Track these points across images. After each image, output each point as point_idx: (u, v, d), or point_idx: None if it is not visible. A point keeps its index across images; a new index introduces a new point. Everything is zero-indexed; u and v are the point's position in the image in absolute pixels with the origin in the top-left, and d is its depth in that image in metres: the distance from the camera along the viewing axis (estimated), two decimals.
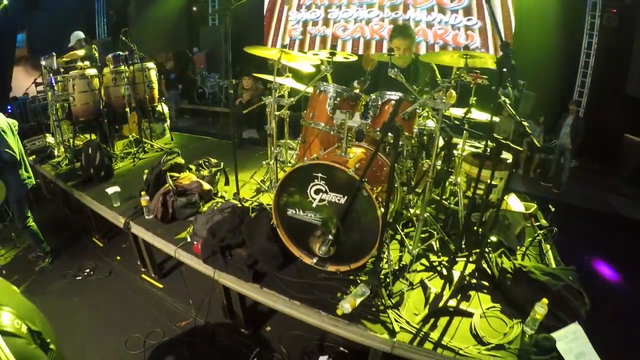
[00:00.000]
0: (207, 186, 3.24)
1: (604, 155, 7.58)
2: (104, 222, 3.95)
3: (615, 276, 4.19)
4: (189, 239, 2.83)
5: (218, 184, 3.65)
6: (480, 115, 2.93)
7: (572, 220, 5.37)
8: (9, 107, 7.26)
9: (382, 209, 2.11)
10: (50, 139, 4.90)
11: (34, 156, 4.72)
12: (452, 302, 2.33)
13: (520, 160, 7.02)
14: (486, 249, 2.70)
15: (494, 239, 2.76)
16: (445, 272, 2.56)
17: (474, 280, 2.53)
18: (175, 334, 2.94)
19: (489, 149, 2.20)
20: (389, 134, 1.94)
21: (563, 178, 6.35)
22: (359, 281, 2.33)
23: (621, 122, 7.26)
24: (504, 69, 1.83)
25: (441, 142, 2.68)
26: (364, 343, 2.16)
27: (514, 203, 3.01)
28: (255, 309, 3.17)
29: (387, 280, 2.36)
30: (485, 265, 2.63)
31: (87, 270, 3.60)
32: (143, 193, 3.12)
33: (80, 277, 3.53)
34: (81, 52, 4.90)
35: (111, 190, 3.37)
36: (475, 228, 2.75)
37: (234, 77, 3.37)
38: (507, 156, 3.07)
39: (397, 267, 2.56)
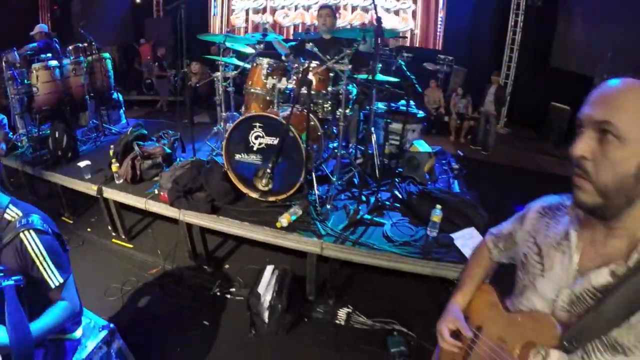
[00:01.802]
0: (168, 150, 4.03)
1: (533, 122, 8.78)
2: (74, 200, 4.61)
3: None
4: (156, 192, 3.55)
5: (176, 152, 4.38)
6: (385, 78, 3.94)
7: (499, 176, 6.52)
8: None
9: (304, 145, 3.03)
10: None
11: None
12: (368, 217, 3.20)
13: (452, 128, 8.14)
14: (396, 179, 3.70)
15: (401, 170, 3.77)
16: (363, 198, 3.45)
17: (387, 203, 3.45)
18: (148, 279, 3.60)
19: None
20: (303, 86, 2.87)
21: (490, 141, 7.38)
22: (293, 205, 3.21)
23: (547, 91, 8.45)
24: (379, 40, 2.84)
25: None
26: (300, 248, 2.99)
27: (421, 146, 4.02)
28: (215, 251, 3.94)
29: (316, 204, 3.26)
30: (396, 192, 3.61)
31: None
32: (114, 160, 3.80)
33: None
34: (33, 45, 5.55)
35: (83, 163, 3.96)
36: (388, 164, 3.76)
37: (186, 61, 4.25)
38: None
39: (325, 197, 3.44)
